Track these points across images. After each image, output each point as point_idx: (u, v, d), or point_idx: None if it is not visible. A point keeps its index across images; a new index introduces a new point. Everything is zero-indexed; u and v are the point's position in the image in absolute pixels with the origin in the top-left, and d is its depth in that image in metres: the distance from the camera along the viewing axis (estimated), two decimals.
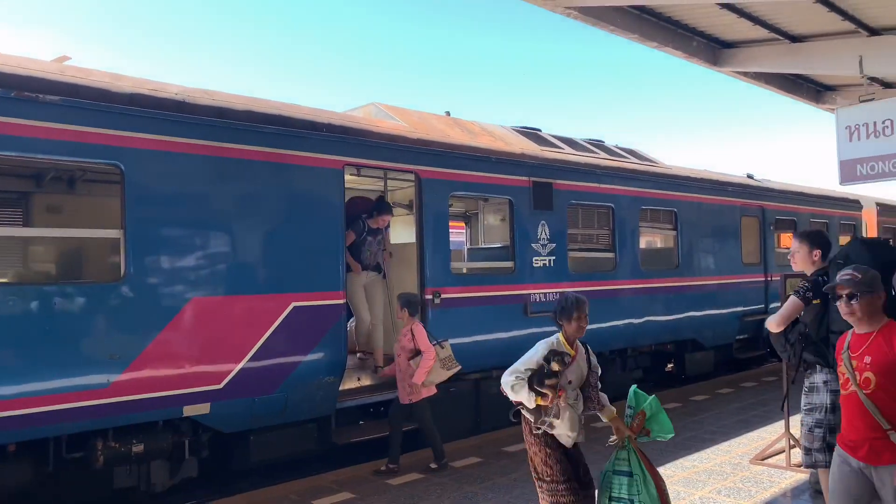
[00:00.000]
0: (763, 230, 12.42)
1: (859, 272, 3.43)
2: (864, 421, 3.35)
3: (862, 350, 3.42)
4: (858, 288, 3.39)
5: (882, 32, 8.94)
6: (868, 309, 3.40)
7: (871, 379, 3.34)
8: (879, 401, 3.30)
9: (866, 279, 3.41)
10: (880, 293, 3.42)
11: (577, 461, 4.23)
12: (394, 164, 7.18)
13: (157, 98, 5.55)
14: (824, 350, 4.65)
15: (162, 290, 5.49)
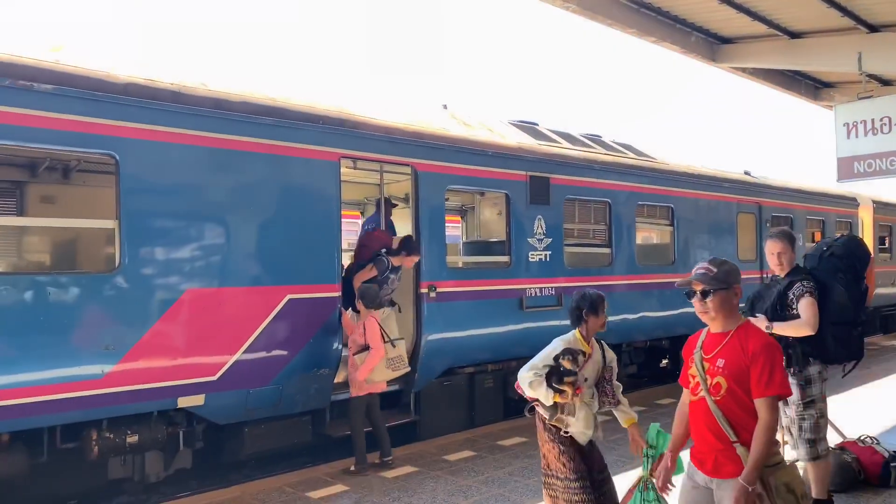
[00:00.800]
0: (759, 227, 12.43)
1: (714, 265, 3.14)
2: (711, 431, 3.06)
3: (715, 352, 3.11)
4: (712, 284, 3.08)
5: (881, 29, 8.95)
6: (723, 306, 3.09)
7: (721, 384, 3.03)
8: (728, 409, 3.01)
9: (721, 273, 3.11)
10: (736, 289, 3.13)
11: (591, 459, 4.18)
12: (390, 157, 7.16)
13: (152, 88, 5.52)
14: (819, 342, 4.77)
15: (157, 281, 5.48)
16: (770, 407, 2.94)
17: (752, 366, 2.97)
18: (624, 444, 7.05)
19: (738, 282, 3.15)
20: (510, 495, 5.69)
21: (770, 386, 2.94)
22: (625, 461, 6.44)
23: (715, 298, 3.08)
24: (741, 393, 2.99)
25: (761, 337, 3.04)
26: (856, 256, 4.80)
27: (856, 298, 4.77)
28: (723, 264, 3.16)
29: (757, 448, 2.91)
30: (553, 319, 8.64)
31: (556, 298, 8.67)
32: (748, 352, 2.99)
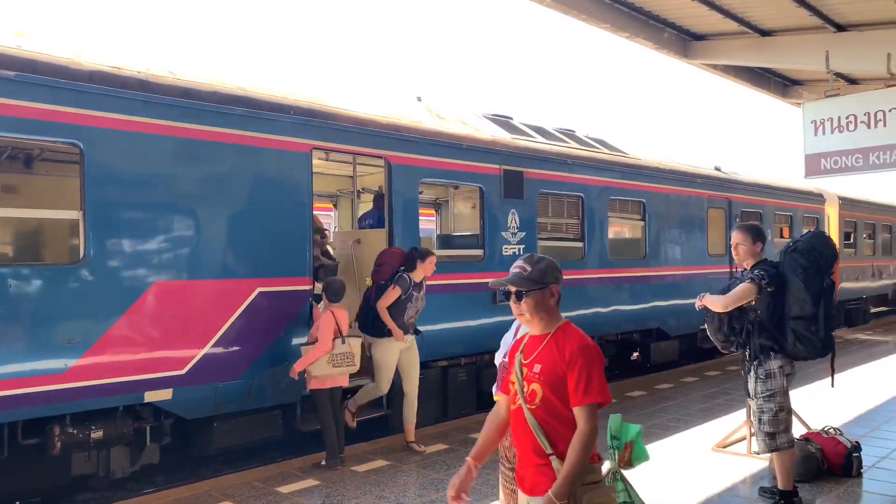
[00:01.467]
0: (729, 222, 12.59)
1: (529, 263, 2.87)
2: (529, 443, 2.77)
3: (532, 357, 2.83)
4: (525, 284, 2.81)
5: (848, 29, 9.10)
6: (538, 308, 2.81)
7: (536, 392, 2.75)
8: (543, 419, 2.73)
9: (535, 272, 2.83)
10: (552, 288, 2.83)
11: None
12: (363, 148, 7.10)
13: (119, 76, 5.40)
14: (778, 336, 4.81)
15: (123, 274, 5.37)
16: (588, 416, 2.68)
17: (569, 371, 2.70)
18: None
19: (555, 280, 2.85)
20: (482, 488, 5.68)
21: (588, 393, 2.67)
22: None
23: (529, 299, 2.80)
24: (557, 401, 2.71)
25: (579, 339, 2.75)
26: (818, 252, 4.82)
27: (815, 294, 4.78)
28: (539, 262, 2.87)
29: (571, 460, 2.62)
30: None
31: None
32: (565, 356, 2.71)
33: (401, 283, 6.50)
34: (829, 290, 4.86)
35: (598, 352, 2.76)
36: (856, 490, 5.54)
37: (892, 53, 8.68)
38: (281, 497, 5.55)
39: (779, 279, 4.85)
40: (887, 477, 5.81)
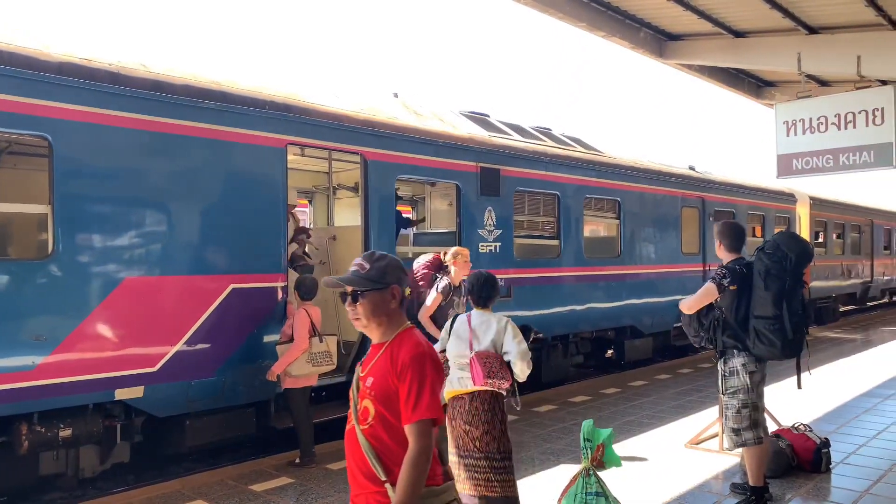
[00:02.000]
0: (702, 221, 12.73)
1: (368, 261, 2.52)
2: (360, 468, 2.44)
3: (368, 369, 2.51)
4: (362, 283, 2.46)
5: (820, 31, 9.22)
6: (375, 312, 2.46)
7: (369, 409, 2.43)
8: (376, 441, 2.40)
9: (374, 271, 2.48)
10: (394, 290, 2.49)
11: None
12: (339, 144, 7.05)
13: (89, 68, 5.30)
14: (741, 334, 4.89)
15: (93, 270, 5.27)
16: (418, 435, 2.33)
17: (400, 384, 2.38)
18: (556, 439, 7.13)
19: (397, 281, 2.51)
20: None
21: (417, 409, 2.33)
22: (557, 453, 6.54)
23: (365, 301, 2.45)
24: (391, 419, 2.39)
25: (413, 347, 2.43)
26: (782, 253, 4.79)
27: (775, 295, 4.75)
28: (379, 259, 2.52)
29: (401, 487, 2.29)
30: (502, 310, 8.69)
31: (506, 289, 8.71)
32: (397, 366, 2.39)
33: (442, 287, 6.16)
34: (792, 292, 4.78)
35: (432, 361, 2.43)
36: (825, 485, 5.63)
37: (861, 56, 8.81)
38: (254, 495, 5.50)
39: (743, 278, 4.89)
40: (855, 472, 5.91)
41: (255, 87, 6.56)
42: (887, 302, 25.48)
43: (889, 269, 22.60)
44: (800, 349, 4.93)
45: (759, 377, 4.97)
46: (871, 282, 20.87)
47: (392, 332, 2.50)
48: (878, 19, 8.35)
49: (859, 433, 7.15)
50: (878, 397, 8.93)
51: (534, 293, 9.14)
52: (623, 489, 5.57)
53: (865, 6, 7.96)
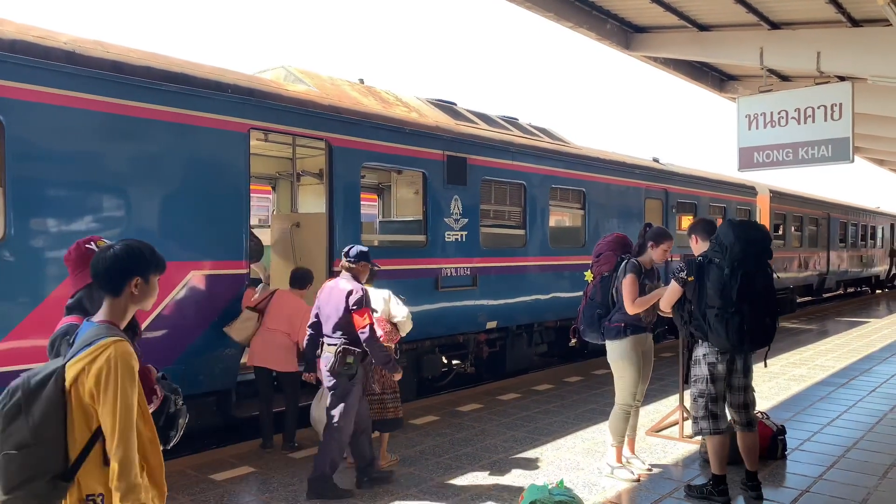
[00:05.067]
0: (665, 212, 12.89)
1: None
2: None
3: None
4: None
5: (782, 27, 9.38)
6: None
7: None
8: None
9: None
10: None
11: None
12: (303, 130, 6.95)
13: (43, 46, 5.11)
14: (703, 324, 4.86)
15: (47, 255, 5.11)
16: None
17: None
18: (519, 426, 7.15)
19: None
20: (420, 473, 5.69)
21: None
22: (521, 441, 6.58)
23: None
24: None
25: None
26: (718, 242, 4.78)
27: (716, 286, 4.71)
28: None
29: None
30: (468, 299, 8.71)
31: (472, 279, 8.72)
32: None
33: (632, 269, 5.47)
34: (729, 284, 4.66)
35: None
36: (780, 472, 5.77)
37: (821, 52, 8.99)
38: (215, 485, 5.43)
39: (700, 268, 4.85)
40: (809, 458, 6.07)
41: (217, 69, 6.42)
42: (842, 293, 26.20)
43: (844, 262, 23.20)
44: (757, 342, 4.83)
45: (721, 368, 4.90)
46: (827, 274, 21.41)
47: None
48: (838, 17, 8.52)
49: (814, 421, 7.34)
50: (832, 386, 9.18)
51: (499, 282, 9.17)
52: (585, 476, 5.63)
53: (826, 3, 8.12)
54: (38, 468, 2.22)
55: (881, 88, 9.78)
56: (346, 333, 5.13)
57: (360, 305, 5.09)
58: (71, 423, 2.27)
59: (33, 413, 2.22)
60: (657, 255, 5.62)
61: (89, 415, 2.27)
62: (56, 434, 2.25)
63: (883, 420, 7.36)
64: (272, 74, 7.74)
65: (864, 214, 25.53)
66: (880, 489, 5.30)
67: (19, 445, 2.21)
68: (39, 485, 2.23)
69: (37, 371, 2.30)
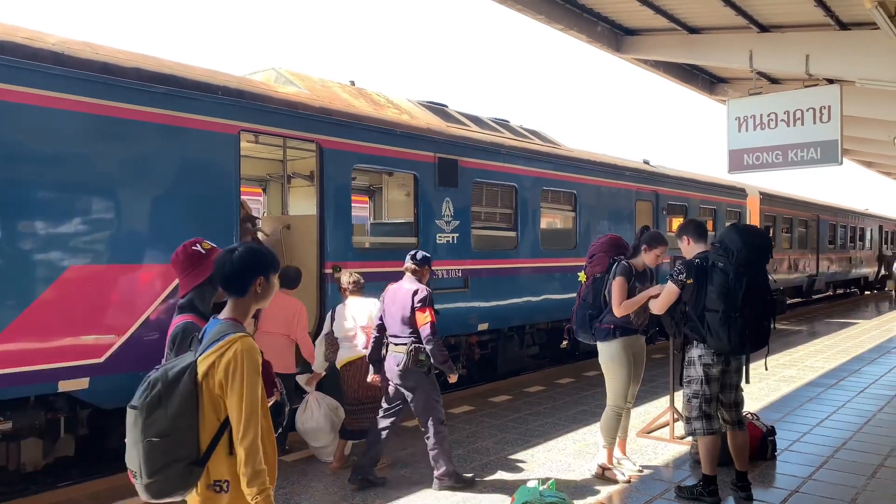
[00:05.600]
0: (656, 214, 12.93)
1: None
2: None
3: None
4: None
5: (771, 30, 9.43)
6: None
7: None
8: None
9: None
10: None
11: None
12: (294, 131, 6.93)
13: (30, 48, 5.08)
14: (699, 327, 4.88)
15: (35, 257, 5.07)
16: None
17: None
18: (511, 428, 7.15)
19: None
20: (411, 475, 5.68)
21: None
22: (512, 443, 6.57)
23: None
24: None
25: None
26: (724, 247, 4.80)
27: (718, 289, 4.74)
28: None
29: None
30: (459, 301, 8.70)
31: (463, 281, 8.72)
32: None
33: (622, 272, 5.49)
34: (736, 286, 4.70)
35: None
36: (769, 472, 5.79)
37: (810, 55, 9.04)
38: None
39: (700, 271, 4.88)
40: (799, 459, 6.10)
41: (208, 71, 6.40)
42: (831, 295, 26.36)
43: (833, 263, 23.35)
44: (756, 344, 4.87)
45: (716, 370, 4.93)
46: (817, 275, 21.54)
47: None
48: (827, 20, 8.58)
49: (803, 421, 7.38)
50: (821, 387, 9.23)
51: (490, 284, 9.17)
52: (576, 476, 5.64)
53: (815, 6, 8.17)
54: (176, 454, 2.41)
55: (869, 91, 9.84)
56: (415, 332, 5.35)
57: (425, 304, 5.35)
58: (202, 414, 2.47)
59: (171, 404, 2.42)
60: (650, 259, 5.64)
61: (218, 406, 2.47)
62: (191, 423, 2.45)
63: (871, 420, 7.40)
64: (262, 76, 7.73)
65: (852, 216, 25.70)
66: (869, 489, 5.33)
67: (160, 433, 2.40)
68: (178, 470, 2.42)
69: (173, 364, 2.51)
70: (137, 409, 2.44)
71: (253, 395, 2.45)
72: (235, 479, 2.48)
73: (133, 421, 2.44)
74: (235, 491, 2.49)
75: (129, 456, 2.46)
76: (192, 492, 2.52)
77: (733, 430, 5.07)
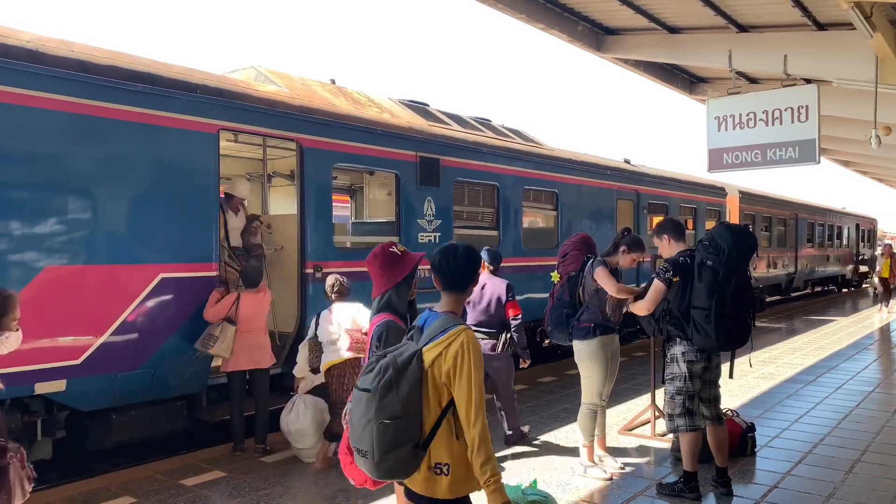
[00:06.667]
0: (637, 213, 13.01)
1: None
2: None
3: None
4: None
5: (750, 30, 9.51)
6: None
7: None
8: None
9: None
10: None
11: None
12: (274, 130, 6.88)
13: (3, 45, 5.00)
14: (683, 324, 4.91)
15: (9, 258, 5.00)
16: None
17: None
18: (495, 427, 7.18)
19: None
20: None
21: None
22: (496, 440, 6.58)
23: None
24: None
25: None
26: (715, 245, 4.83)
27: (707, 287, 4.78)
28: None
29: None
30: None
31: None
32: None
33: (601, 264, 5.49)
34: (726, 283, 4.75)
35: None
36: (749, 468, 5.84)
37: (788, 55, 9.13)
38: (185, 490, 5.35)
39: (686, 269, 4.93)
40: (778, 455, 6.15)
41: (186, 69, 6.33)
42: (810, 292, 26.67)
43: (812, 262, 23.63)
44: (740, 341, 4.93)
45: (699, 367, 4.98)
46: (795, 273, 21.78)
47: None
48: (804, 20, 8.67)
49: (783, 417, 7.45)
50: (800, 383, 9.33)
51: None
52: (558, 474, 5.65)
53: (792, 7, 8.25)
54: (404, 436, 2.55)
55: (846, 91, 9.96)
56: (503, 320, 6.28)
57: (514, 296, 6.37)
58: (426, 400, 2.62)
59: (402, 388, 2.57)
60: (626, 261, 5.68)
61: (441, 393, 2.61)
62: (417, 408, 2.60)
63: (849, 416, 7.49)
64: (242, 75, 7.67)
65: (830, 215, 26.02)
66: (846, 483, 5.39)
67: (392, 416, 2.53)
68: (405, 451, 2.56)
69: (400, 352, 2.67)
70: (370, 391, 2.58)
71: (479, 383, 2.59)
72: (455, 463, 2.63)
73: (365, 403, 2.58)
74: (455, 475, 2.62)
75: (361, 437, 2.59)
76: (415, 474, 2.65)
77: (713, 425, 5.11)
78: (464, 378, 2.56)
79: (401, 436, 2.55)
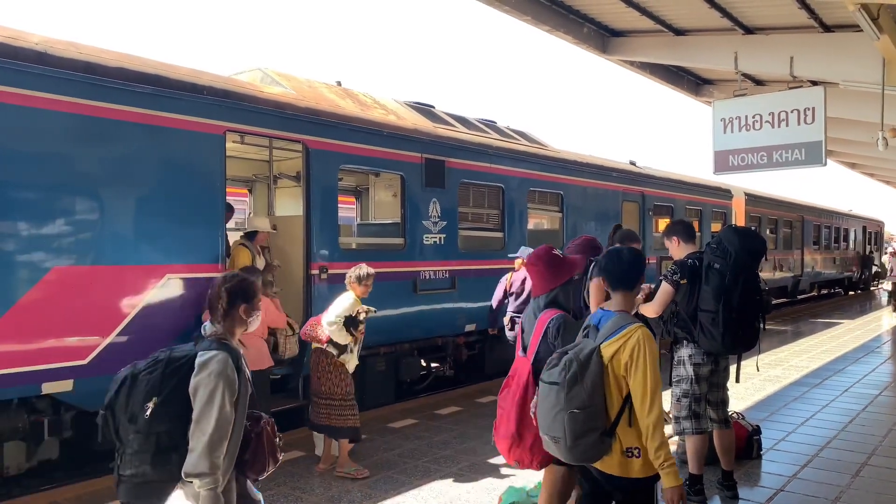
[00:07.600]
0: (642, 215, 12.99)
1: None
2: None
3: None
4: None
5: (756, 32, 9.50)
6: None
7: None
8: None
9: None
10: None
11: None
12: (280, 132, 6.90)
13: (13, 47, 5.03)
14: (690, 326, 4.91)
15: (17, 258, 5.02)
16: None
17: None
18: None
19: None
20: (398, 476, 5.67)
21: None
22: None
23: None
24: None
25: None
26: (723, 248, 4.83)
27: (714, 290, 4.78)
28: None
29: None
30: (446, 302, 8.70)
31: (450, 281, 8.72)
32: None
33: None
34: (733, 287, 4.75)
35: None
36: (755, 471, 5.83)
37: (794, 57, 9.11)
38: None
39: (694, 271, 4.91)
40: (784, 458, 6.14)
41: (193, 71, 6.36)
42: (816, 295, 26.57)
43: (817, 264, 23.53)
44: (746, 344, 4.93)
45: (706, 370, 4.98)
46: (801, 276, 21.70)
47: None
48: (810, 22, 8.65)
49: (789, 420, 7.43)
50: (806, 386, 9.30)
51: (478, 285, 9.16)
52: None
53: (799, 8, 8.23)
54: (592, 424, 2.84)
55: (853, 93, 9.93)
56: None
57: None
58: (609, 391, 2.90)
59: (586, 381, 2.85)
60: None
61: (620, 385, 2.88)
62: (601, 399, 2.88)
63: (856, 419, 7.47)
64: (248, 76, 7.69)
65: (836, 217, 25.92)
66: (853, 487, 5.38)
67: (580, 406, 2.82)
68: (593, 437, 2.85)
69: (580, 348, 2.96)
70: (559, 384, 2.86)
71: (655, 374, 2.82)
72: (643, 448, 2.87)
73: (555, 395, 2.87)
74: (644, 457, 2.88)
75: (552, 426, 2.89)
76: (607, 458, 2.91)
77: (720, 428, 5.10)
78: (639, 370, 2.81)
79: (589, 423, 2.82)
